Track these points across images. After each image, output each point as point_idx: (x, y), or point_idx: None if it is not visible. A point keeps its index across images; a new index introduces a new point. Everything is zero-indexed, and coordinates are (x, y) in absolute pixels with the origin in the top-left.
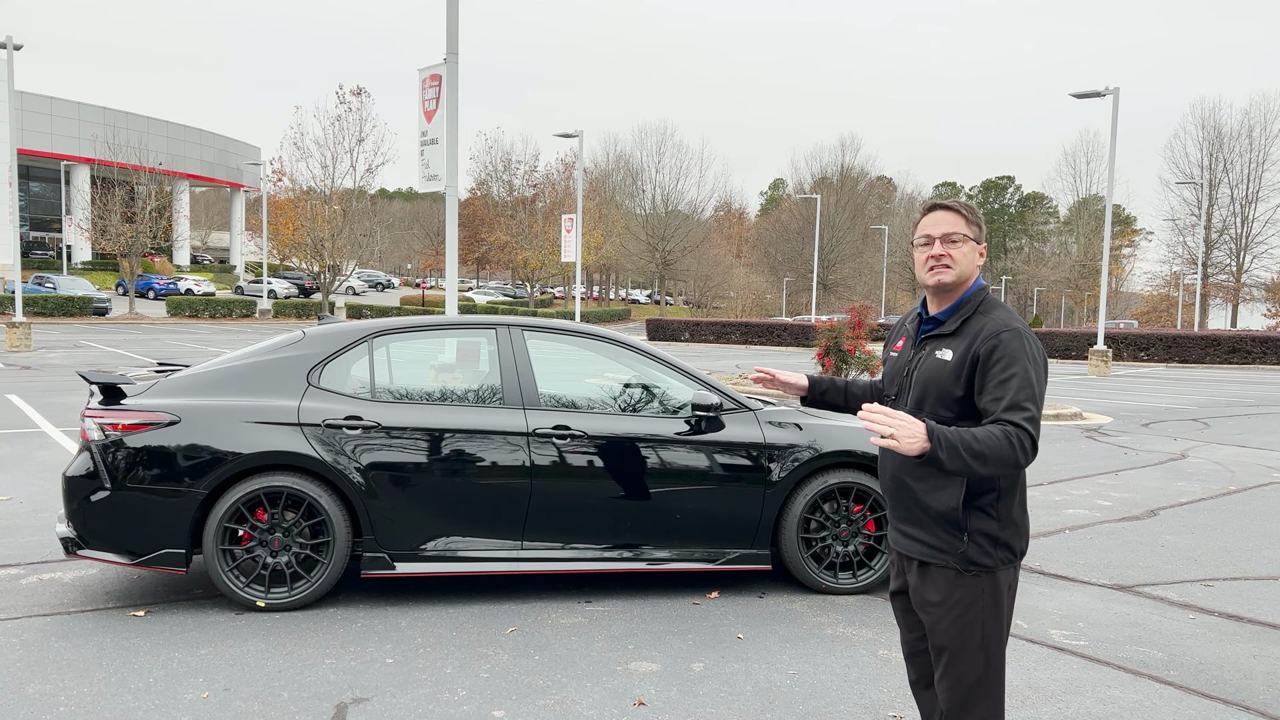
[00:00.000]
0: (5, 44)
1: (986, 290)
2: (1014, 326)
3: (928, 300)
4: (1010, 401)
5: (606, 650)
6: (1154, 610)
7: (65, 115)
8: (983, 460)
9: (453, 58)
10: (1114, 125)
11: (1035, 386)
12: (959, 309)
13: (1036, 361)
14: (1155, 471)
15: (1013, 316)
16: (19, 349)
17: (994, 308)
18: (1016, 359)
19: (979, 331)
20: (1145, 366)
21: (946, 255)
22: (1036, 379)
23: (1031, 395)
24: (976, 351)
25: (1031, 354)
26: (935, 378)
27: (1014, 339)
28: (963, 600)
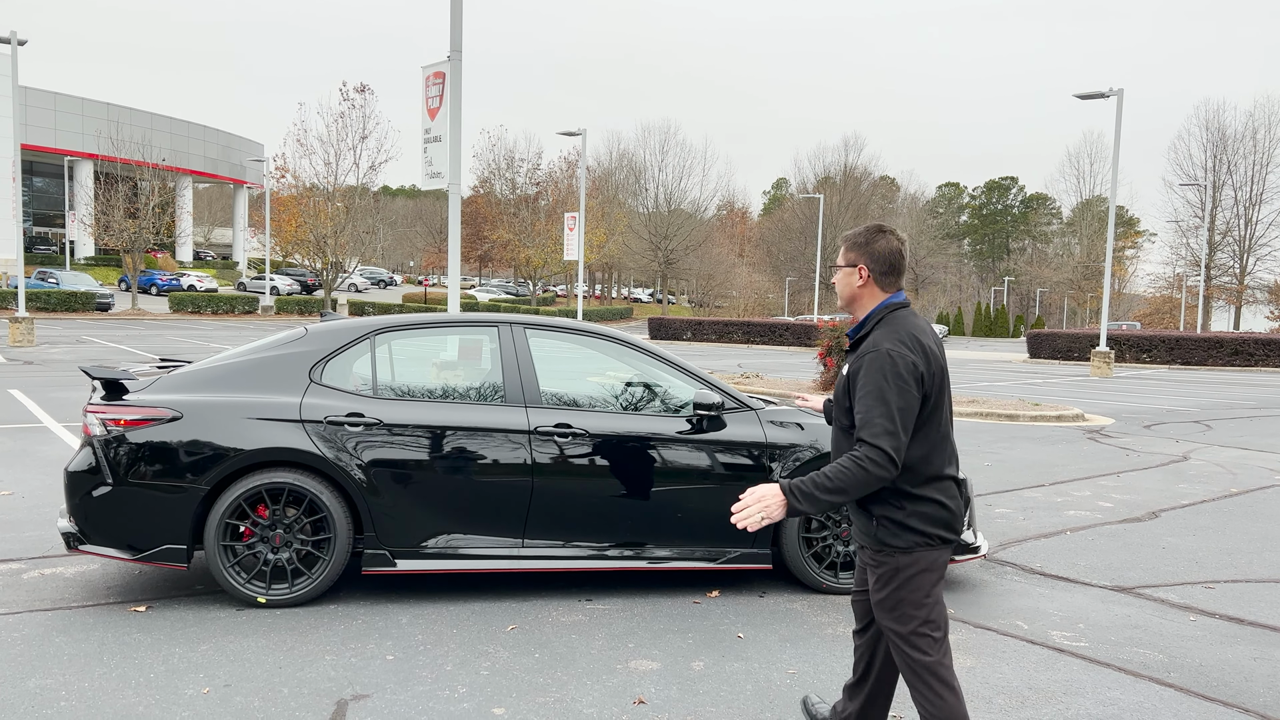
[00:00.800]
0: (9, 39)
1: (888, 310)
2: (880, 347)
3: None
4: (861, 421)
5: (607, 648)
6: (1155, 612)
7: (69, 111)
8: (842, 492)
9: (456, 55)
10: (1118, 126)
11: (885, 403)
12: (861, 328)
13: (888, 377)
14: (1157, 473)
15: (888, 336)
16: (21, 344)
17: (882, 327)
18: (871, 378)
19: (861, 351)
20: (1148, 368)
21: (835, 283)
22: (886, 394)
23: (878, 412)
24: (853, 369)
25: (885, 370)
26: (837, 391)
27: (875, 359)
28: (882, 578)
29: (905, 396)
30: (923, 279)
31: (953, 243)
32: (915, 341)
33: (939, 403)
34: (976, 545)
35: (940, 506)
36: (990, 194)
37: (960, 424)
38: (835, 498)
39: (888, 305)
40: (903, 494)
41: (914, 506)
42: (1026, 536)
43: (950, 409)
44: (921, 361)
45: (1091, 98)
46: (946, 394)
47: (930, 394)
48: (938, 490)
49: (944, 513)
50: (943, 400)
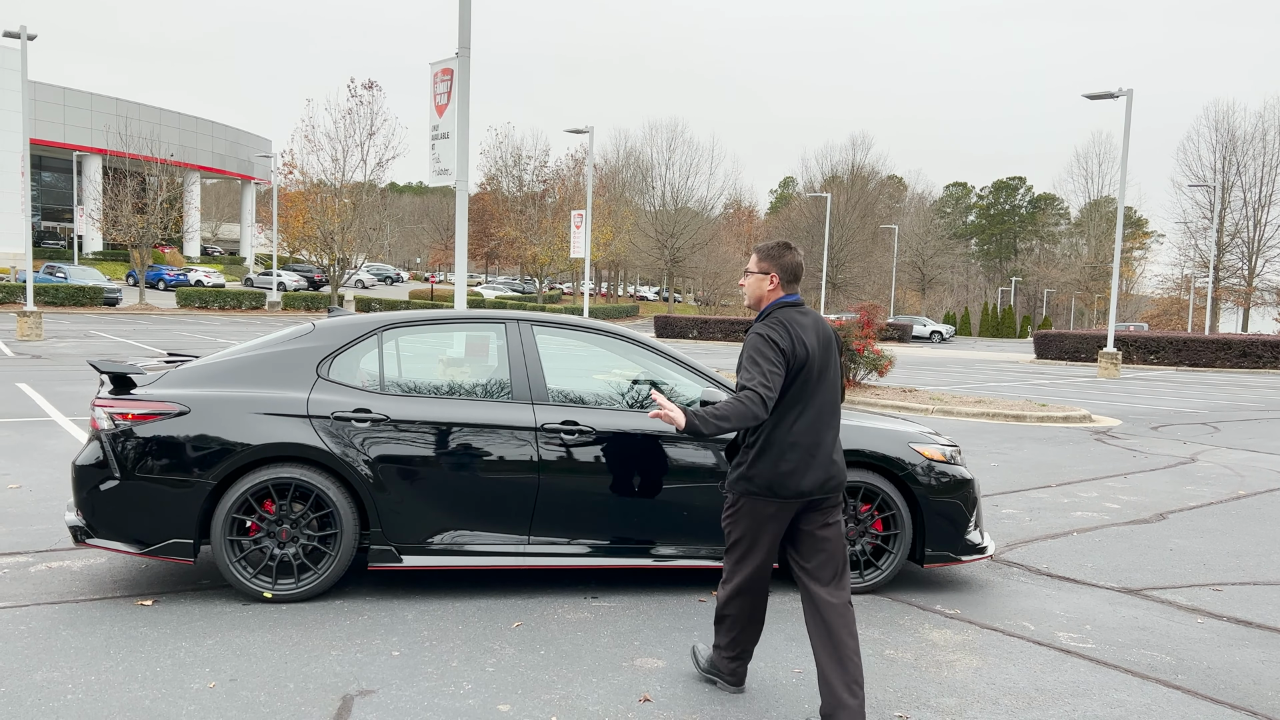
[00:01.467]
0: (19, 34)
1: (778, 307)
2: (756, 330)
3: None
4: (743, 376)
5: (612, 646)
6: (1162, 614)
7: (78, 106)
8: (726, 419)
9: (464, 52)
10: (1127, 127)
11: (758, 365)
12: (760, 319)
13: (760, 348)
14: (1164, 475)
15: (765, 324)
16: (29, 338)
17: (768, 315)
18: (749, 349)
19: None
20: (1155, 370)
21: (743, 285)
22: (758, 359)
23: (755, 370)
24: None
25: (759, 344)
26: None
27: (751, 337)
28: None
29: (772, 363)
30: (930, 279)
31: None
32: (787, 329)
33: (805, 382)
34: (983, 546)
35: (775, 465)
36: (998, 194)
37: (967, 424)
38: (721, 423)
39: (780, 303)
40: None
41: (755, 465)
42: (1034, 537)
43: (828, 394)
44: (786, 342)
45: (1101, 98)
46: (815, 380)
47: (794, 371)
48: (776, 457)
49: (776, 472)
50: (809, 382)
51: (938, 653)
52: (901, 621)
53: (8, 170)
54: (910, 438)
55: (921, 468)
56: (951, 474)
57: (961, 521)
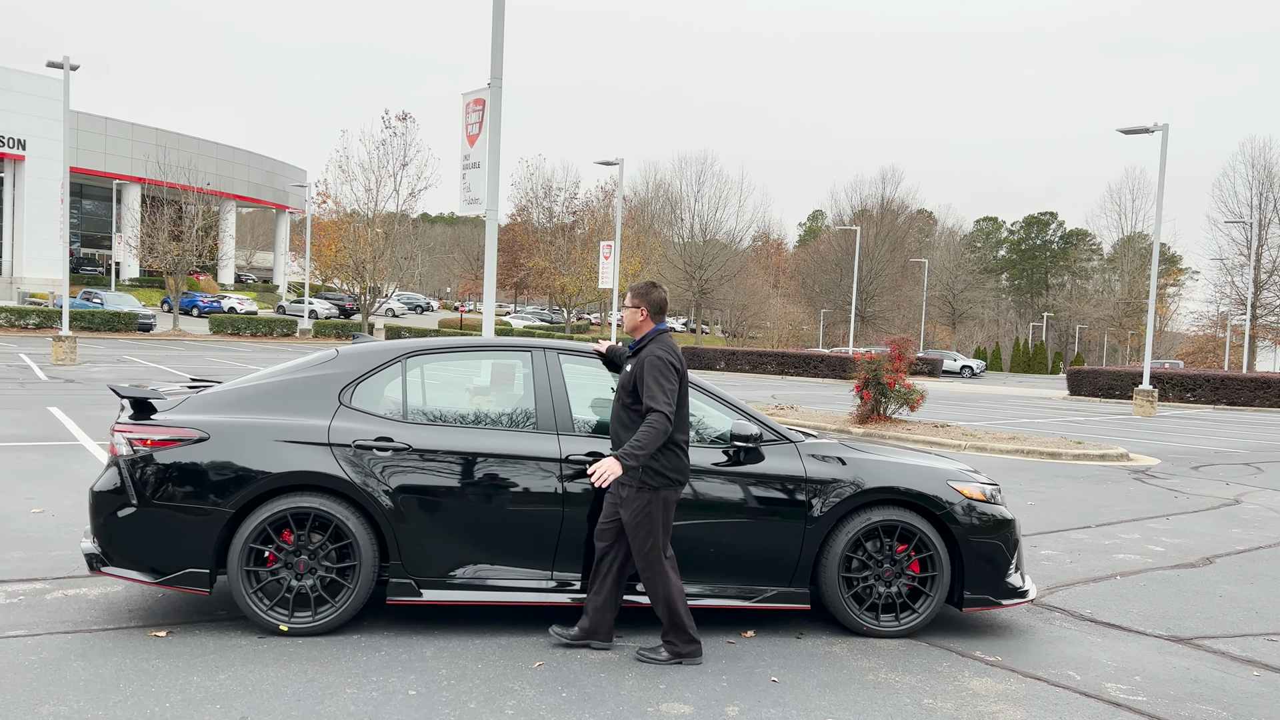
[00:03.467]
0: (61, 64)
1: (657, 333)
2: (654, 353)
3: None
4: (647, 398)
5: (637, 689)
6: (1215, 665)
7: (119, 135)
8: (645, 447)
9: (496, 82)
10: (1163, 161)
11: (662, 387)
12: (639, 343)
13: (662, 371)
14: (1208, 517)
15: (660, 348)
16: (64, 362)
17: (654, 344)
18: (652, 373)
19: (643, 356)
20: (1192, 408)
21: (623, 316)
22: (660, 382)
23: (660, 391)
24: (636, 368)
25: (660, 367)
26: (623, 380)
27: (654, 361)
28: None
29: (671, 382)
30: (960, 313)
31: (990, 277)
32: (675, 351)
33: (684, 393)
34: (1025, 589)
35: (679, 460)
36: (1029, 229)
37: (1001, 461)
38: (643, 453)
39: (658, 330)
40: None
41: (663, 461)
42: (1075, 580)
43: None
44: (679, 362)
45: (1135, 132)
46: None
47: (681, 383)
48: (677, 451)
49: (680, 464)
50: (686, 392)
51: (979, 703)
52: (939, 668)
53: (50, 198)
54: (949, 475)
55: (961, 507)
56: (992, 514)
57: (1002, 563)
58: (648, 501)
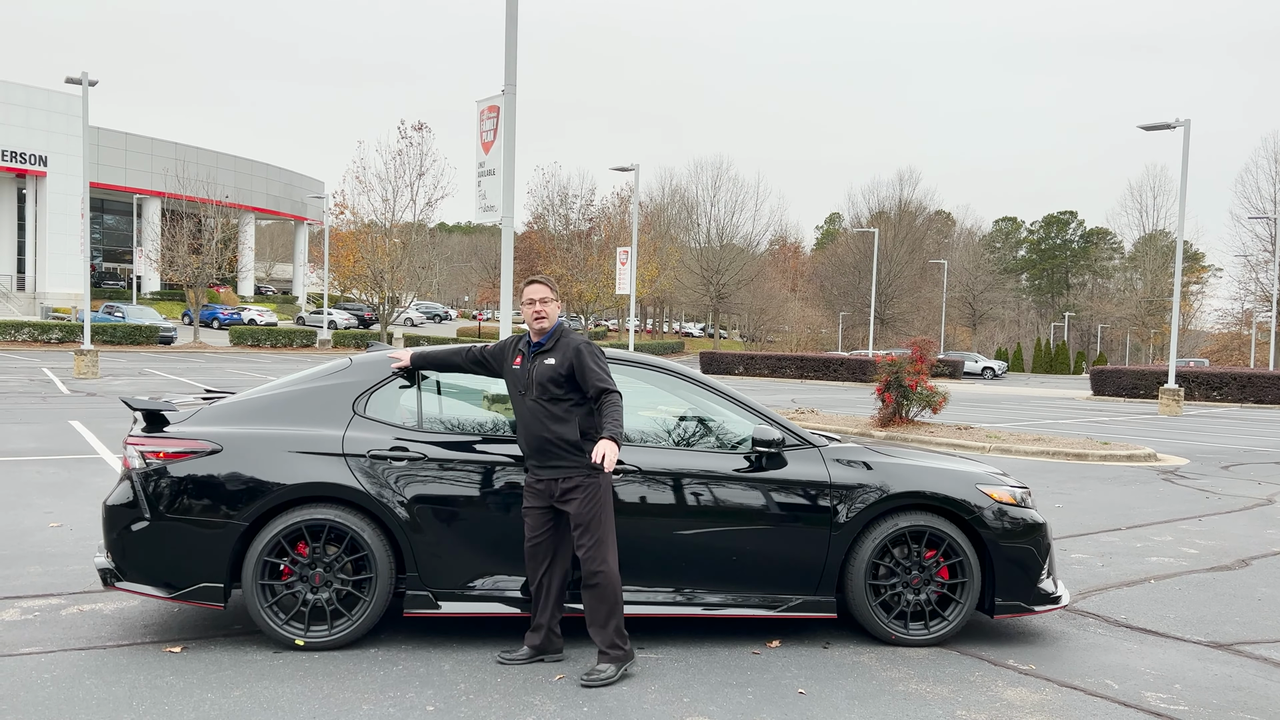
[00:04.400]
0: (80, 80)
1: (562, 326)
2: (580, 341)
3: (531, 334)
4: (596, 381)
5: (660, 703)
6: (1258, 672)
7: (139, 150)
8: (618, 421)
9: (510, 89)
10: (1185, 158)
11: (601, 369)
12: (552, 336)
13: (597, 356)
14: (1242, 517)
15: (579, 338)
16: (86, 376)
17: (567, 334)
18: (590, 358)
19: (566, 346)
20: (1218, 406)
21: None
22: (601, 365)
23: (605, 375)
24: (570, 358)
25: (596, 355)
26: (546, 374)
27: (584, 347)
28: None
29: (604, 364)
30: (980, 314)
31: (1010, 277)
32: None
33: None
34: (1058, 595)
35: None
36: (1049, 228)
37: (1026, 463)
38: (618, 427)
39: (561, 324)
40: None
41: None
42: (1108, 585)
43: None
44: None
45: (1157, 129)
46: None
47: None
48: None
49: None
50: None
51: (1014, 714)
52: (972, 678)
53: (71, 213)
54: (977, 479)
55: (990, 511)
56: (1022, 518)
57: (1034, 569)
58: (600, 485)
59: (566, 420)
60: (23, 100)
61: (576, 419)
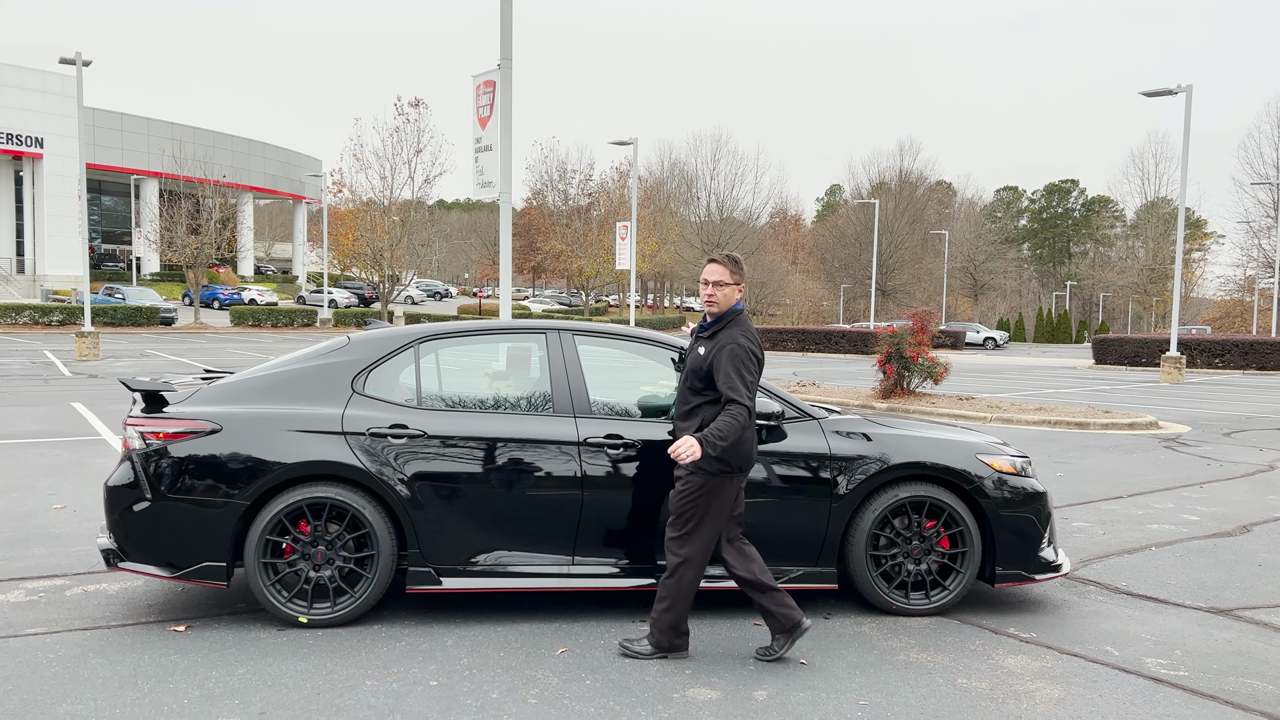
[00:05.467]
0: (74, 60)
1: (735, 313)
2: (735, 340)
3: (706, 315)
4: (727, 388)
5: (662, 674)
6: (1258, 637)
7: (135, 131)
8: (725, 438)
9: (506, 63)
10: (1187, 123)
11: (742, 376)
12: (716, 323)
13: (744, 361)
14: (1243, 484)
15: (742, 332)
16: (87, 358)
17: (732, 325)
18: (730, 358)
19: (722, 339)
20: (1220, 373)
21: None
22: (740, 372)
23: (738, 383)
24: (714, 352)
25: (742, 357)
26: (694, 364)
27: (734, 346)
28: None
29: (754, 374)
30: (981, 284)
31: (1012, 247)
32: (755, 338)
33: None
34: (1058, 563)
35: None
36: (1050, 197)
37: (1028, 432)
38: (723, 444)
39: (739, 308)
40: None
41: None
42: (1109, 552)
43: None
44: (760, 351)
45: (1158, 95)
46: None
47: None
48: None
49: (746, 450)
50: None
51: (1015, 682)
52: (973, 647)
53: (68, 195)
54: (977, 449)
55: (990, 480)
56: (1023, 487)
57: (1034, 537)
58: (700, 485)
59: (695, 415)
60: (16, 81)
61: (702, 417)
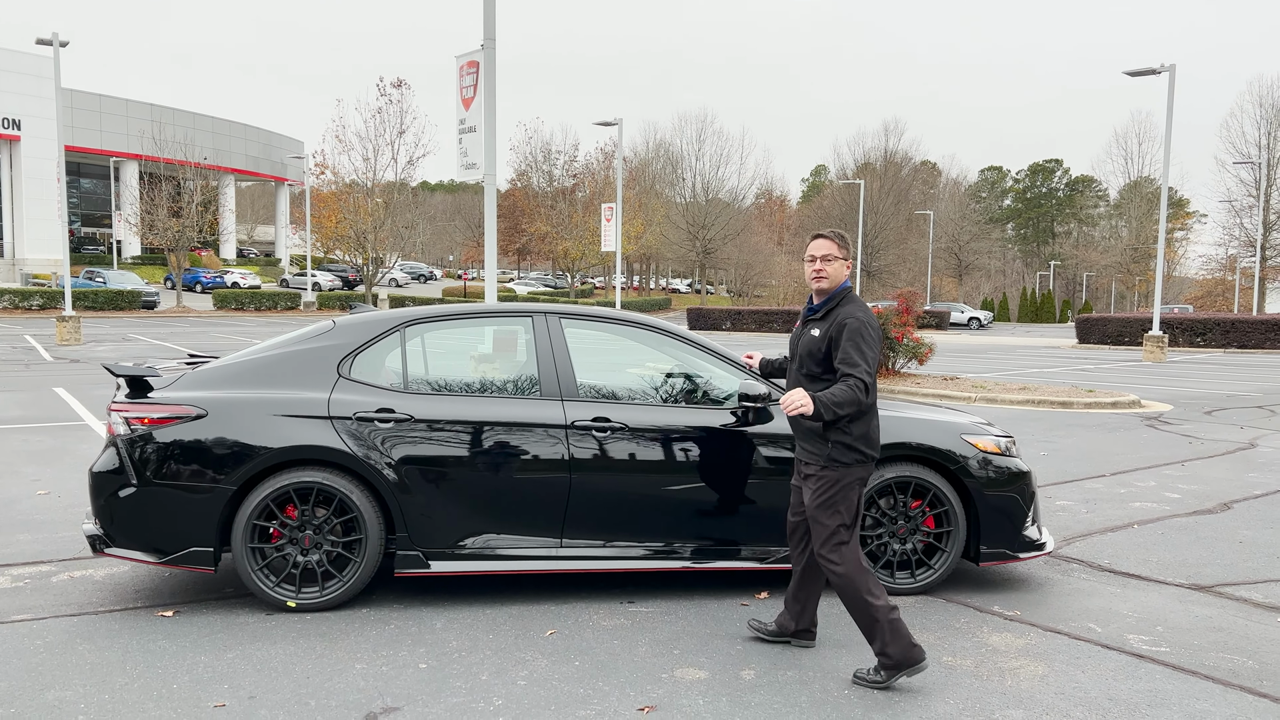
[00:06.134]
0: (50, 41)
1: (847, 291)
2: (854, 316)
3: (812, 296)
4: (845, 364)
5: (650, 655)
6: (1238, 613)
7: (114, 113)
8: (841, 405)
9: (490, 43)
10: (1170, 102)
11: (862, 351)
12: (828, 303)
13: (865, 337)
14: (1224, 462)
15: (860, 310)
16: (69, 342)
17: (848, 303)
18: (850, 333)
19: (836, 317)
20: (1202, 352)
21: (824, 270)
22: (859, 347)
23: (858, 359)
24: (832, 330)
25: (862, 331)
26: (809, 346)
27: (853, 321)
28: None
29: (875, 349)
30: (966, 264)
31: (996, 227)
32: (873, 316)
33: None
34: (1042, 542)
35: (873, 433)
36: (1034, 177)
37: (1012, 412)
38: (839, 410)
39: (846, 287)
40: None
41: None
42: (1091, 530)
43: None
44: (879, 326)
45: (1142, 74)
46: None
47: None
48: (874, 423)
49: (875, 434)
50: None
51: (999, 659)
52: (958, 624)
53: (47, 178)
54: (962, 429)
55: (975, 460)
56: (1007, 466)
57: (1019, 516)
58: (837, 479)
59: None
60: None
61: None
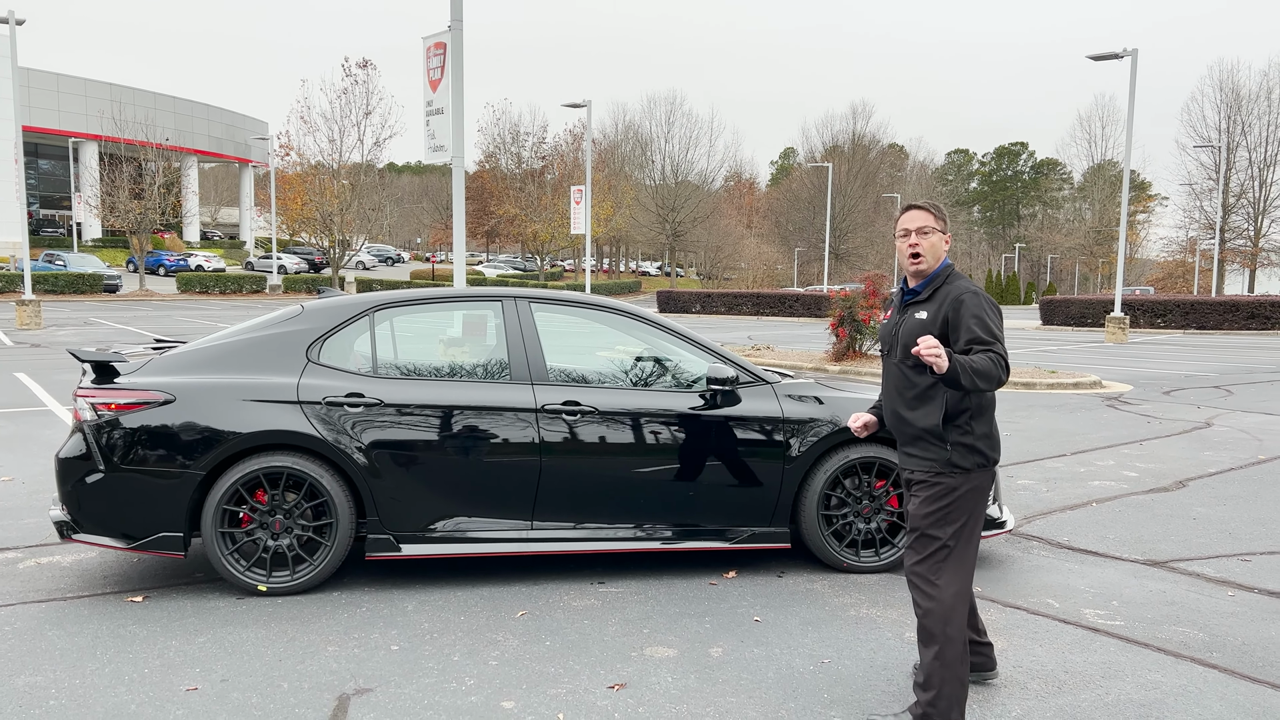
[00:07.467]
0: (7, 19)
1: (948, 268)
2: (967, 290)
3: (908, 278)
4: (987, 336)
5: (620, 634)
6: (1191, 587)
7: (72, 92)
8: (982, 375)
9: (457, 25)
10: (1132, 87)
11: (989, 328)
12: (930, 282)
13: (990, 313)
14: (1180, 441)
15: (968, 284)
16: (29, 327)
17: (954, 279)
18: (973, 309)
19: (946, 296)
20: (1163, 333)
21: (920, 244)
22: (987, 323)
23: (993, 333)
24: (946, 310)
25: (984, 307)
26: (912, 329)
27: (969, 299)
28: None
29: (1000, 327)
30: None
31: (962, 210)
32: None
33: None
34: (1003, 520)
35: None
36: (1000, 160)
37: None
38: (976, 379)
39: (948, 265)
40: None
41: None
42: (1051, 509)
43: None
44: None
45: (1105, 59)
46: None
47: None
48: (991, 420)
49: (997, 435)
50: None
51: None
52: None
53: (4, 159)
54: None
55: None
56: None
57: None
58: (954, 487)
59: (929, 399)
60: None
61: (942, 398)
